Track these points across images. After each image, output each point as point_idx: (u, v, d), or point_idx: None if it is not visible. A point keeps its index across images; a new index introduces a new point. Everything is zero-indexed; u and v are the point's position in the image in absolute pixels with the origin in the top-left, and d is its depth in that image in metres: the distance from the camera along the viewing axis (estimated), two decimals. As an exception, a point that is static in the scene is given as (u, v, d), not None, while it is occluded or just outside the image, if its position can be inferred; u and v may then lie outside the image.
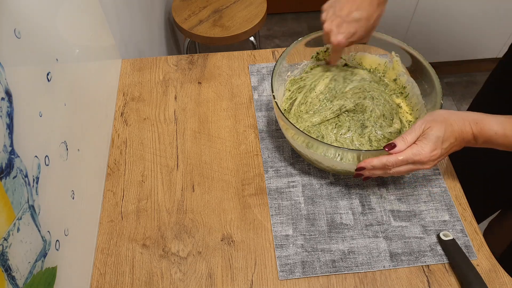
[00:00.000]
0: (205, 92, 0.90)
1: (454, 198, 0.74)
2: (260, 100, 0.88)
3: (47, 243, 0.52)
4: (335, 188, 0.75)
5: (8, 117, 0.45)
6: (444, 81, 2.09)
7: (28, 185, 0.48)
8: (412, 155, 0.60)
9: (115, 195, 0.75)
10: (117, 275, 0.66)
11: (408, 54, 0.75)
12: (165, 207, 0.73)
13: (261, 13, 1.50)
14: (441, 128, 0.60)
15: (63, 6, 0.64)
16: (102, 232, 0.71)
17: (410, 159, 0.61)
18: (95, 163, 0.73)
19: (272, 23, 2.37)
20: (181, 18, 1.49)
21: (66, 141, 0.60)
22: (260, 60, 0.96)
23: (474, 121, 0.61)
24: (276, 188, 0.75)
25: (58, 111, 0.58)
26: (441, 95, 0.69)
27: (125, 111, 0.86)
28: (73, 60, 0.66)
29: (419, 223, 0.71)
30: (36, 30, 0.54)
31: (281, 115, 0.68)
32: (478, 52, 1.94)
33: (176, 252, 0.68)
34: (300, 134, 0.66)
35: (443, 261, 0.67)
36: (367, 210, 0.72)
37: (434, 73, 0.71)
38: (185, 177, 0.77)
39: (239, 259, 0.68)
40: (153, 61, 0.95)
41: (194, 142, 0.82)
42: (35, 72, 0.53)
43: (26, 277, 0.46)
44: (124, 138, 0.82)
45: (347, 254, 0.68)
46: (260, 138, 0.82)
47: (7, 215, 0.43)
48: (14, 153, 0.45)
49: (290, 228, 0.70)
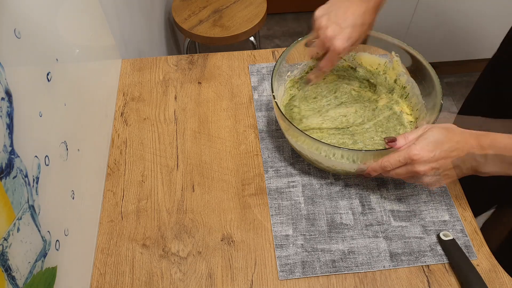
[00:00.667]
0: (205, 92, 0.90)
1: (454, 198, 0.74)
2: (260, 100, 0.88)
3: (47, 243, 0.52)
4: (335, 188, 0.75)
5: (8, 117, 0.45)
6: (444, 81, 2.09)
7: (28, 185, 0.48)
8: (410, 153, 0.60)
9: (115, 195, 0.75)
10: (117, 275, 0.66)
11: (408, 54, 0.75)
12: (165, 207, 0.73)
13: (261, 13, 1.50)
14: (442, 130, 0.60)
15: (63, 6, 0.64)
16: (102, 232, 0.71)
17: (408, 158, 0.60)
18: (95, 163, 0.73)
19: (272, 23, 2.37)
20: (181, 18, 1.49)
21: (66, 141, 0.60)
22: (260, 60, 0.96)
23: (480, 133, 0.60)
24: (276, 188, 0.75)
25: (58, 111, 0.58)
26: (441, 95, 0.69)
27: (125, 111, 0.86)
28: (73, 60, 0.66)
29: (419, 223, 0.71)
30: (36, 30, 0.54)
31: (281, 115, 0.68)
32: (478, 52, 1.94)
33: (176, 252, 0.68)
34: (300, 134, 0.65)
35: (443, 261, 0.67)
36: (367, 210, 0.72)
37: (434, 73, 0.71)
38: (185, 177, 0.77)
39: (239, 259, 0.68)
40: (153, 61, 0.95)
41: (194, 142, 0.82)
42: (35, 72, 0.53)
43: (26, 277, 0.46)
44: (124, 138, 0.82)
45: (347, 254, 0.68)
46: (260, 138, 0.82)
47: (7, 215, 0.43)
48: (14, 153, 0.45)
49: (290, 228, 0.70)
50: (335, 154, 0.66)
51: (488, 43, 1.90)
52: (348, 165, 0.67)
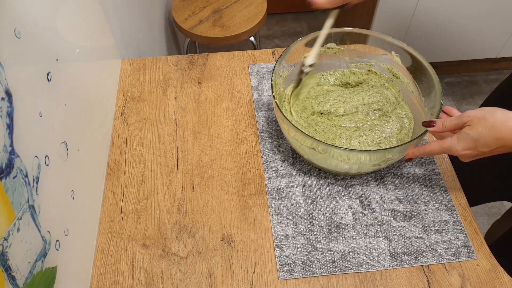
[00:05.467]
0: (205, 92, 0.90)
1: (454, 198, 0.74)
2: (260, 100, 0.88)
3: (47, 243, 0.52)
4: (335, 188, 0.75)
5: (8, 117, 0.45)
6: (444, 81, 2.09)
7: (28, 185, 0.48)
8: (443, 149, 0.62)
9: (115, 195, 0.75)
10: (117, 275, 0.66)
11: (408, 54, 0.75)
12: (165, 207, 0.73)
13: (261, 13, 1.50)
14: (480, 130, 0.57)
15: (63, 6, 0.64)
16: (102, 232, 0.71)
17: (442, 151, 0.63)
18: (95, 163, 0.73)
19: (272, 23, 2.37)
20: (181, 18, 1.49)
21: (66, 141, 0.60)
22: (260, 60, 0.96)
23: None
24: (276, 188, 0.75)
25: (58, 111, 0.58)
26: (441, 95, 0.69)
27: (125, 111, 0.86)
28: (73, 60, 0.66)
29: (419, 223, 0.71)
30: (36, 30, 0.54)
31: (281, 115, 0.68)
32: (478, 52, 1.94)
33: (176, 252, 0.68)
34: (300, 134, 0.65)
35: (443, 261, 0.67)
36: (367, 210, 0.72)
37: (434, 73, 0.71)
38: (185, 177, 0.77)
39: (239, 259, 0.68)
40: (153, 61, 0.95)
41: (194, 142, 0.82)
42: (35, 72, 0.53)
43: (26, 277, 0.46)
44: (124, 138, 0.82)
45: (347, 254, 0.68)
46: (260, 138, 0.82)
47: (7, 215, 0.43)
48: (14, 153, 0.45)
49: (290, 228, 0.70)
50: (334, 153, 0.66)
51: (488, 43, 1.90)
52: (348, 165, 0.67)
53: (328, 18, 0.74)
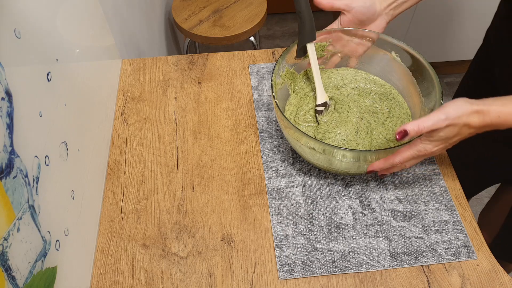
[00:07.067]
0: (205, 92, 0.90)
1: (454, 198, 0.74)
2: (260, 100, 0.88)
3: (47, 243, 0.52)
4: (335, 188, 0.75)
5: (8, 117, 0.45)
6: (444, 81, 2.09)
7: (28, 185, 0.48)
8: (417, 151, 0.62)
9: (115, 195, 0.75)
10: (117, 275, 0.66)
11: (408, 54, 0.75)
12: (165, 207, 0.73)
13: (261, 13, 1.50)
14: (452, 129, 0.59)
15: (63, 6, 0.64)
16: (102, 232, 0.71)
17: (415, 155, 0.62)
18: (95, 163, 0.73)
19: (272, 23, 2.37)
20: (181, 18, 1.49)
21: (66, 141, 0.60)
22: (260, 60, 0.96)
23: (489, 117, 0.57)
24: (276, 188, 0.75)
25: (58, 111, 0.58)
26: (441, 95, 0.69)
27: (125, 111, 0.86)
28: (73, 60, 0.66)
29: (419, 223, 0.71)
30: (36, 30, 0.54)
31: (281, 115, 0.68)
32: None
33: (176, 252, 0.68)
34: (300, 134, 0.65)
35: (443, 261, 0.67)
36: (367, 210, 0.72)
37: (434, 73, 0.71)
38: (185, 177, 0.77)
39: (239, 259, 0.68)
40: (153, 61, 0.95)
41: (194, 142, 0.82)
42: (35, 72, 0.53)
43: (26, 277, 0.46)
44: (124, 138, 0.82)
45: (347, 254, 0.68)
46: (260, 138, 0.82)
47: (7, 215, 0.43)
48: (14, 153, 0.45)
49: (290, 228, 0.70)
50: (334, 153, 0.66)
51: (488, 43, 1.90)
52: (348, 165, 0.67)
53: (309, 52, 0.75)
